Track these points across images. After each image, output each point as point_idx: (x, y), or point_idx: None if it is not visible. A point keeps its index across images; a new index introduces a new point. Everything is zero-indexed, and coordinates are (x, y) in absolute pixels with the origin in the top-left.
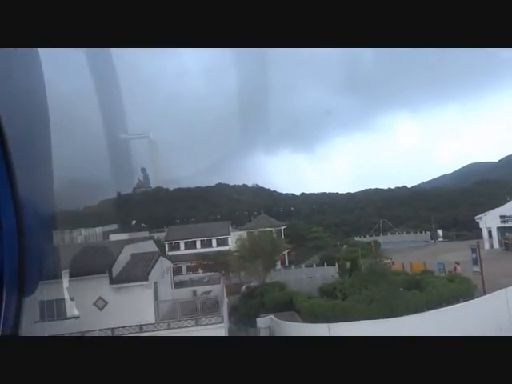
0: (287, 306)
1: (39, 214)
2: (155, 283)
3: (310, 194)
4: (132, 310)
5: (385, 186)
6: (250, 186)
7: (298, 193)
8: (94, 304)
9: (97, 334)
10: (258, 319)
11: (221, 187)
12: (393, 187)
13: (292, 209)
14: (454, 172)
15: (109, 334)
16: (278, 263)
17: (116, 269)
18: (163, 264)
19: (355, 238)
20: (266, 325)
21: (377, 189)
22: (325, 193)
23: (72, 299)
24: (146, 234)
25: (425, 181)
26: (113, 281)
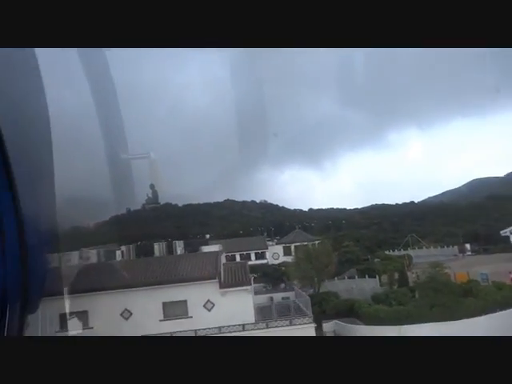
0: (347, 312)
1: (41, 230)
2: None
3: (318, 209)
4: (235, 311)
5: (391, 201)
6: (258, 201)
7: (305, 208)
8: (204, 306)
9: (206, 332)
10: (324, 324)
11: (229, 203)
12: (400, 202)
13: (307, 224)
14: (460, 187)
15: (216, 332)
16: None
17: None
18: None
19: (385, 252)
20: (332, 329)
21: (384, 204)
22: (332, 208)
23: (185, 301)
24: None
25: (430, 196)
26: (222, 285)
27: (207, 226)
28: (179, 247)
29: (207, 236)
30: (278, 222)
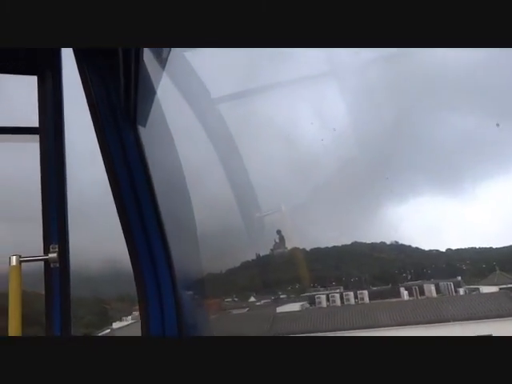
0: None
1: (190, 278)
2: None
3: (457, 249)
4: None
5: None
6: (388, 243)
7: (442, 249)
8: None
9: None
10: None
11: (357, 245)
12: None
13: (458, 265)
14: None
15: None
16: None
17: None
18: None
19: None
20: None
21: None
22: (474, 248)
23: None
24: None
25: None
26: None
27: (339, 269)
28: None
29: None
30: (415, 264)
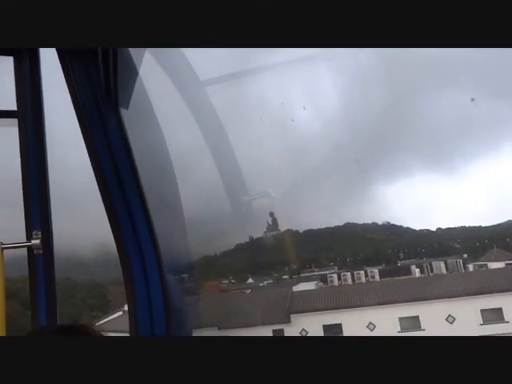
0: None
1: (177, 262)
2: None
3: (447, 228)
4: None
5: None
6: (380, 223)
7: (433, 228)
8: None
9: None
10: None
11: (350, 226)
12: None
13: (451, 244)
14: None
15: None
16: None
17: None
18: None
19: None
20: None
21: None
22: (464, 226)
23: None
24: None
25: None
26: None
27: (333, 250)
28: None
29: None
30: (408, 244)
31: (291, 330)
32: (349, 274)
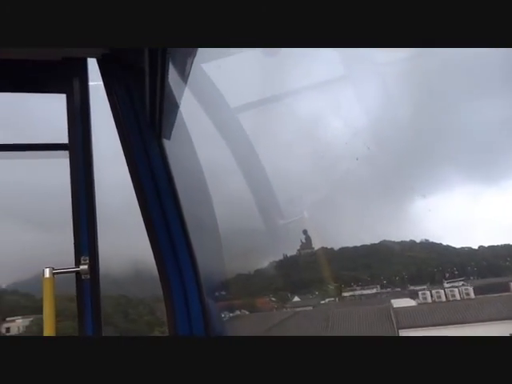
0: None
1: (214, 280)
2: None
3: (490, 246)
4: None
5: None
6: (418, 241)
7: (475, 246)
8: None
9: None
10: None
11: (386, 244)
12: None
13: (498, 263)
14: None
15: None
16: None
17: None
18: None
19: None
20: None
21: None
22: (509, 245)
23: None
24: None
25: None
26: None
27: (372, 268)
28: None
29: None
30: (452, 262)
31: None
32: (442, 291)
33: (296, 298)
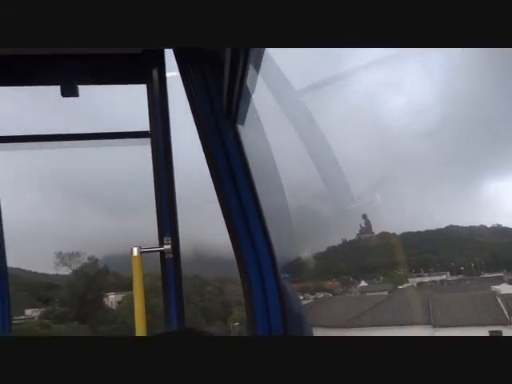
0: None
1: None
2: None
3: None
4: None
5: None
6: (489, 226)
7: None
8: None
9: None
10: None
11: (454, 229)
12: None
13: None
14: None
15: None
16: None
17: None
18: None
19: None
20: None
21: None
22: None
23: None
24: None
25: None
26: None
27: (438, 254)
28: None
29: None
30: None
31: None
32: None
33: (363, 283)
